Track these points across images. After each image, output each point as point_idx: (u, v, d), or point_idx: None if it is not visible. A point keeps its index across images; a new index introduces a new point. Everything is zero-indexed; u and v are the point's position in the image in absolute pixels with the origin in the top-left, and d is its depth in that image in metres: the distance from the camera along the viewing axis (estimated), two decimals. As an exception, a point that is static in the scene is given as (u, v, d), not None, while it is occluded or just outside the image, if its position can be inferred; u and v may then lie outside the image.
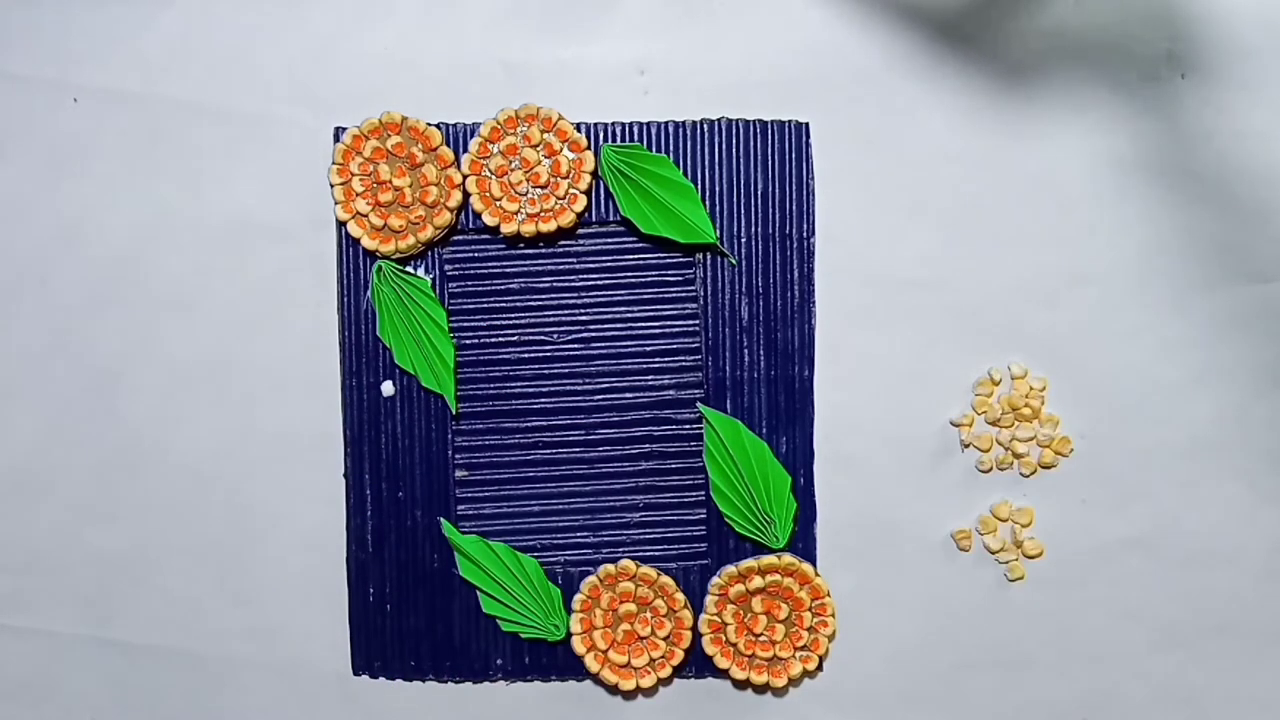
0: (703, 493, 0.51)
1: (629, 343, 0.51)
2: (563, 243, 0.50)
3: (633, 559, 0.50)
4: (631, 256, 0.51)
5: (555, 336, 0.51)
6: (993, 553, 0.51)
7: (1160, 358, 0.51)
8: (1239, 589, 0.51)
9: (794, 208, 0.50)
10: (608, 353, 0.51)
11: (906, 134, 0.50)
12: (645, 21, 0.50)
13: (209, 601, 0.51)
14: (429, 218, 0.49)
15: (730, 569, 0.50)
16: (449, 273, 0.50)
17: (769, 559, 0.50)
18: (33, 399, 0.50)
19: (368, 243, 0.49)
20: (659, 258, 0.51)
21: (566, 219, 0.49)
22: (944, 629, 0.51)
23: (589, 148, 0.50)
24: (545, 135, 0.49)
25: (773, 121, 0.50)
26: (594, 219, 0.50)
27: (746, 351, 0.51)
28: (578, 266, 0.51)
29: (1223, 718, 0.51)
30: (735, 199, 0.50)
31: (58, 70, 0.50)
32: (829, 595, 0.50)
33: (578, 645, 0.50)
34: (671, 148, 0.50)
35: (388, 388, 0.50)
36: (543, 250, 0.51)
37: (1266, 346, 0.50)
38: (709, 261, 0.51)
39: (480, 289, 0.51)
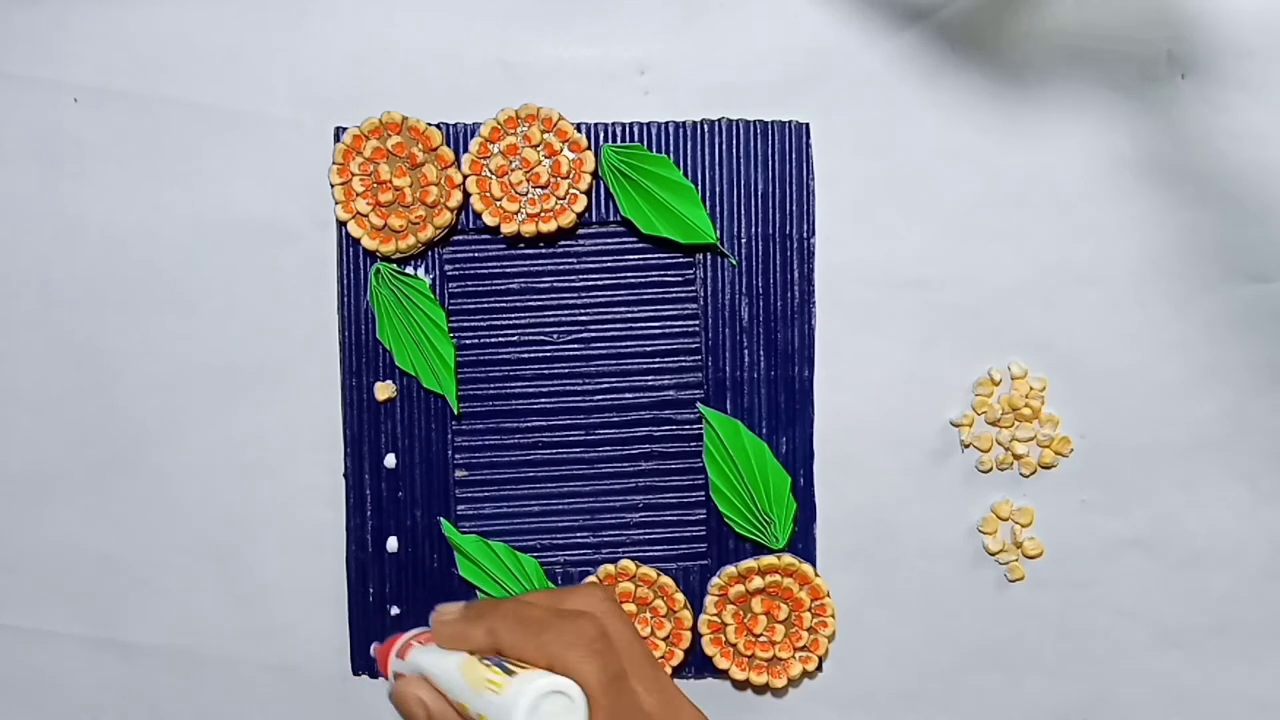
0: (703, 493, 0.51)
1: (629, 343, 0.51)
2: (563, 243, 0.50)
3: (633, 559, 0.50)
4: (631, 256, 0.51)
5: (555, 336, 0.51)
6: (993, 553, 0.51)
7: (1160, 358, 0.51)
8: (1239, 589, 0.51)
9: (794, 208, 0.50)
10: (608, 353, 0.51)
11: (906, 134, 0.50)
12: (645, 21, 0.50)
13: (209, 601, 0.51)
14: (429, 218, 0.49)
15: (730, 569, 0.50)
16: (449, 273, 0.50)
17: (769, 559, 0.50)
18: (33, 399, 0.50)
19: (368, 243, 0.49)
20: (659, 258, 0.51)
21: (567, 219, 0.49)
22: (944, 629, 0.51)
23: (589, 148, 0.49)
24: (545, 135, 0.49)
25: (773, 121, 0.50)
26: (594, 219, 0.50)
27: (746, 351, 0.51)
28: (578, 266, 0.51)
29: (1223, 718, 0.51)
30: (735, 199, 0.50)
31: (58, 70, 0.50)
32: (829, 595, 0.50)
33: (578, 645, 0.50)
34: (671, 148, 0.50)
35: (381, 390, 0.50)
36: (543, 250, 0.51)
37: (1266, 346, 0.50)
38: (709, 261, 0.51)
39: (480, 289, 0.51)
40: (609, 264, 0.51)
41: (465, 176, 0.49)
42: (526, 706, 0.38)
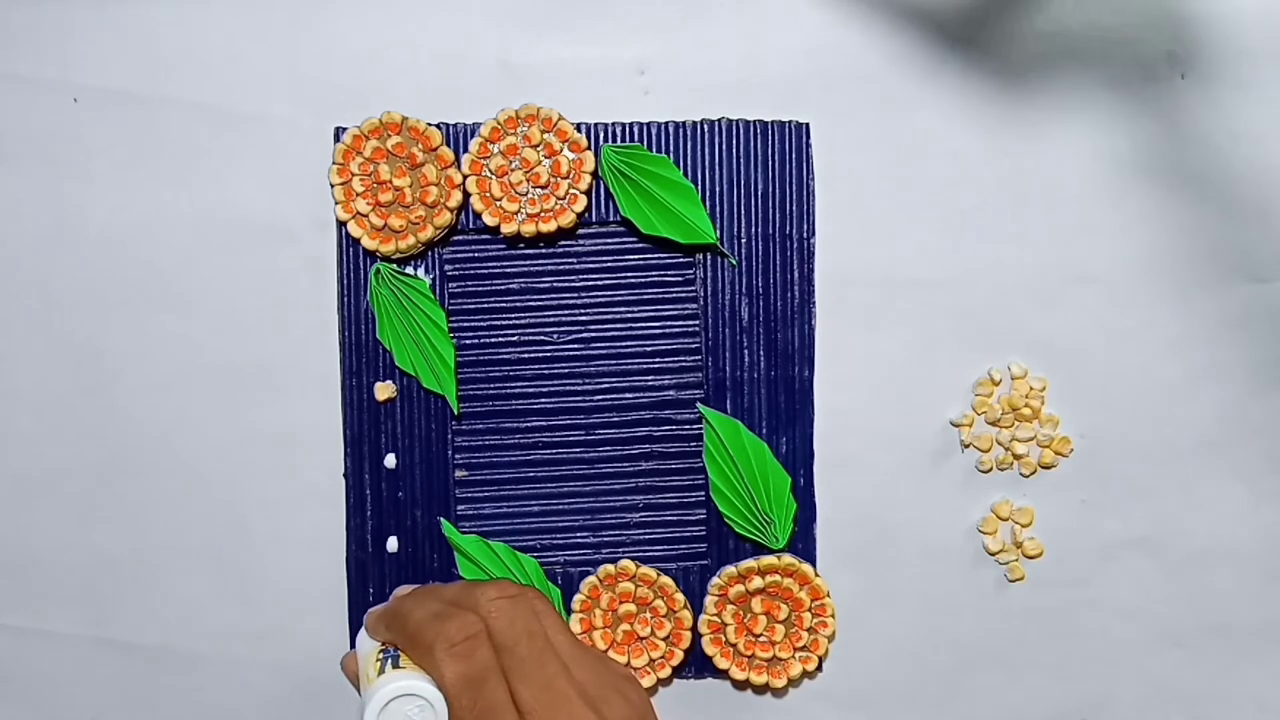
0: (703, 493, 0.51)
1: (629, 343, 0.51)
2: (563, 243, 0.50)
3: (633, 559, 0.50)
4: (631, 256, 0.51)
5: (555, 336, 0.51)
6: (993, 553, 0.51)
7: (1160, 358, 0.51)
8: (1239, 589, 0.51)
9: (794, 208, 0.50)
10: (608, 353, 0.51)
11: (906, 134, 0.50)
12: (645, 21, 0.50)
13: (209, 601, 0.51)
14: (429, 218, 0.49)
15: (730, 569, 0.50)
16: (449, 273, 0.50)
17: (769, 559, 0.50)
18: (33, 399, 0.50)
19: (368, 243, 0.49)
20: (659, 258, 0.51)
21: (566, 219, 0.49)
22: (944, 629, 0.51)
23: (589, 148, 0.50)
24: (545, 135, 0.49)
25: (773, 121, 0.50)
26: (594, 219, 0.50)
27: (746, 352, 0.51)
28: (578, 266, 0.51)
29: (1222, 718, 0.51)
30: (735, 199, 0.50)
31: (58, 70, 0.50)
32: (829, 596, 0.50)
33: (578, 645, 0.50)
34: (671, 148, 0.50)
35: (381, 390, 0.50)
36: (543, 250, 0.51)
37: (1266, 346, 0.50)
38: (709, 261, 0.51)
39: (480, 289, 0.51)
40: (609, 264, 0.51)
41: (465, 176, 0.49)
42: (374, 708, 0.40)
